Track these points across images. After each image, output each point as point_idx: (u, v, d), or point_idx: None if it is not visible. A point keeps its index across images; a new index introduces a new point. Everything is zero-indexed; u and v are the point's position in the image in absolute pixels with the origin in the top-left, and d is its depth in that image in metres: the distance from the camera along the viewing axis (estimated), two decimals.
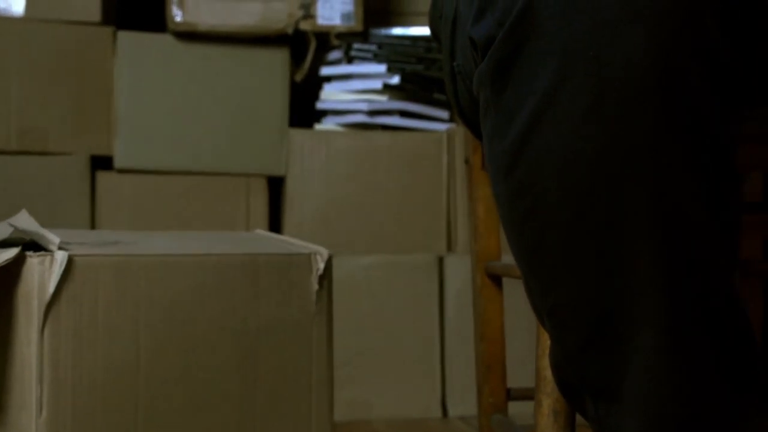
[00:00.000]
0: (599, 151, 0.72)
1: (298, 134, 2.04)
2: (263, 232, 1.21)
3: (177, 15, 1.95)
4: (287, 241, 1.12)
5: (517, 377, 1.44)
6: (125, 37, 1.98)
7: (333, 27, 2.02)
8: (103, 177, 1.98)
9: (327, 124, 2.08)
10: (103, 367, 0.90)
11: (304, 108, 2.10)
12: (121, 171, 1.98)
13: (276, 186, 2.08)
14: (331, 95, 2.07)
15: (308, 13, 2.00)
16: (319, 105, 2.08)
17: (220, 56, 2.00)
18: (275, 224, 2.07)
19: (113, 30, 1.98)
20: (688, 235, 0.73)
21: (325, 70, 2.07)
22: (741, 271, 1.41)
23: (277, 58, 2.02)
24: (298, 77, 2.04)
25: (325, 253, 1.06)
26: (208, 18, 1.97)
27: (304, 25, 2.00)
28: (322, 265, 1.05)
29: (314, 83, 2.09)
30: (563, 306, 0.76)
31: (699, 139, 0.73)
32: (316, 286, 1.04)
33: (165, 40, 1.99)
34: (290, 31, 1.99)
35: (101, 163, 1.99)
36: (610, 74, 0.71)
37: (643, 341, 0.73)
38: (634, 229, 0.72)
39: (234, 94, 2.01)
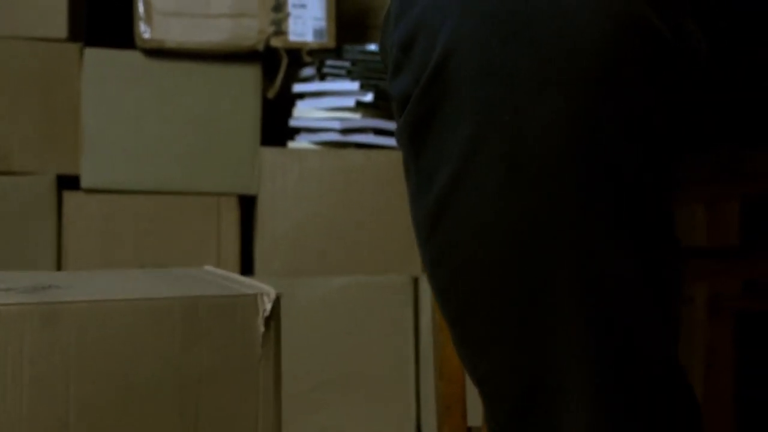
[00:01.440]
0: (517, 219, 0.68)
1: (270, 153, 2.00)
2: (212, 269, 1.17)
3: (145, 32, 1.91)
4: (235, 280, 1.08)
5: (479, 415, 1.39)
6: (92, 54, 1.94)
7: (305, 43, 1.98)
8: (70, 197, 1.94)
9: (301, 142, 2.04)
10: (29, 424, 0.86)
11: (277, 125, 2.06)
12: (89, 191, 1.94)
13: (248, 205, 2.04)
14: (304, 112, 2.03)
15: (279, 30, 1.96)
16: (292, 122, 2.04)
17: (190, 73, 1.96)
18: (247, 244, 2.03)
19: (80, 47, 1.94)
20: (618, 300, 0.69)
21: (298, 87, 2.03)
22: (716, 306, 1.39)
23: (249, 75, 1.98)
24: (270, 94, 2.00)
25: (272, 293, 1.02)
26: (176, 35, 1.93)
27: (276, 42, 1.96)
28: (269, 306, 1.01)
29: (287, 100, 2.05)
30: (493, 374, 0.72)
31: (624, 201, 0.69)
32: (262, 329, 1.00)
33: (133, 56, 1.95)
34: (261, 47, 1.95)
35: (68, 182, 1.95)
36: (525, 140, 0.67)
37: (574, 412, 0.69)
38: (560, 297, 0.69)
39: (204, 112, 1.97)
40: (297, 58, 2.01)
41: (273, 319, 1.02)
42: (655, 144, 0.71)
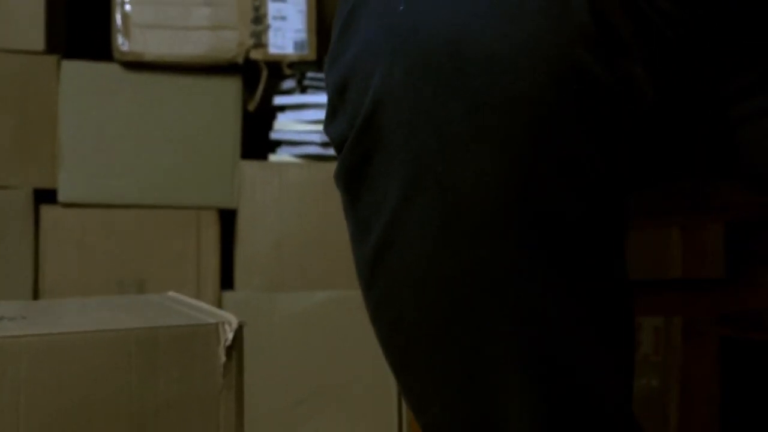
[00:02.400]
0: (452, 274, 0.66)
1: (250, 166, 1.98)
2: (175, 296, 1.14)
3: (123, 44, 1.89)
4: (198, 308, 1.06)
5: None
6: (69, 66, 1.92)
7: (285, 56, 1.96)
8: (47, 211, 1.92)
9: (282, 155, 2.02)
10: None
11: (258, 138, 2.04)
12: (66, 205, 1.92)
13: (228, 219, 2.02)
14: (284, 125, 2.01)
15: (259, 42, 1.94)
16: (273, 135, 2.02)
17: (169, 86, 1.94)
18: (227, 258, 2.00)
19: (57, 59, 1.92)
20: (561, 349, 0.67)
21: (279, 100, 2.01)
22: (695, 330, 1.37)
23: (228, 88, 1.96)
24: (251, 107, 1.98)
25: (234, 321, 1.00)
26: (155, 47, 1.90)
27: (255, 54, 1.94)
28: (230, 335, 0.99)
29: (268, 113, 2.03)
30: (436, 425, 0.70)
31: (563, 250, 0.67)
32: (223, 358, 0.98)
33: (111, 69, 1.93)
34: (240, 60, 1.93)
35: (45, 196, 1.92)
36: (459, 194, 0.65)
37: None
38: (500, 349, 0.67)
39: (184, 125, 1.95)
40: (277, 70, 1.99)
41: (235, 348, 1.00)
42: (597, 188, 0.69)
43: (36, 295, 1.90)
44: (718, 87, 0.97)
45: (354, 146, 0.68)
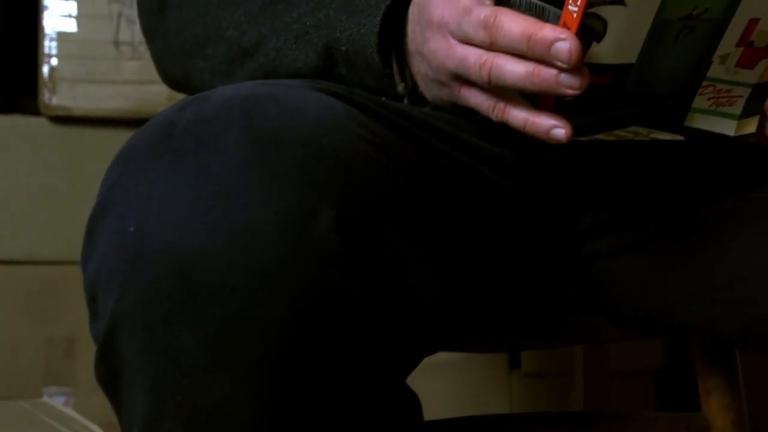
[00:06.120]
0: None
1: None
2: (50, 403, 1.11)
3: (50, 99, 1.86)
4: (69, 418, 1.03)
5: None
6: None
7: None
8: None
9: None
10: None
11: None
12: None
13: None
14: None
15: None
16: None
17: (99, 140, 1.91)
18: None
19: None
20: None
21: None
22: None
23: None
24: None
25: None
26: (83, 101, 1.87)
27: None
28: None
29: None
30: None
31: None
32: None
33: (39, 123, 1.89)
34: None
35: None
36: (201, 421, 0.64)
37: None
38: None
39: None
40: None
41: None
42: (353, 398, 0.68)
43: None
44: (570, 225, 0.96)
45: (101, 360, 0.68)
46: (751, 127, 0.89)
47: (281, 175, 0.67)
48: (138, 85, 1.89)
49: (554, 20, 0.80)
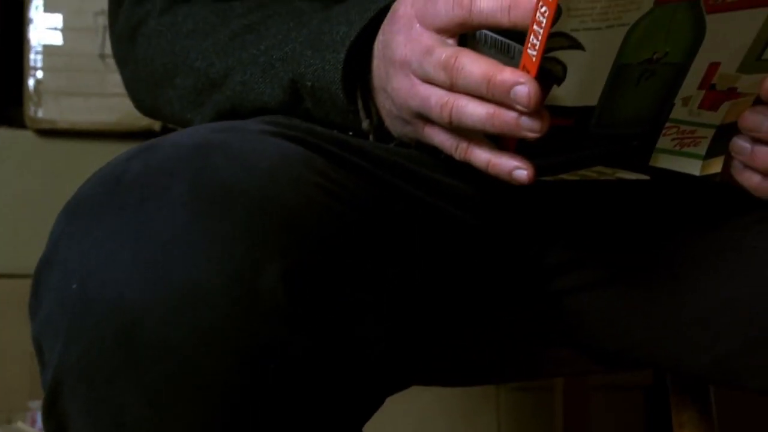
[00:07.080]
0: None
1: None
2: (23, 427, 1.11)
3: (35, 111, 1.85)
4: None
5: None
6: None
7: None
8: None
9: None
10: None
11: None
12: None
13: None
14: None
15: None
16: None
17: (84, 152, 1.90)
18: None
19: None
20: None
21: None
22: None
23: None
24: None
25: None
26: (68, 114, 1.87)
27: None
28: None
29: None
30: None
31: None
32: None
33: (24, 136, 1.89)
34: (157, 127, 1.89)
35: None
36: None
37: None
38: None
39: None
40: None
41: None
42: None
43: None
44: (538, 260, 0.96)
45: (47, 415, 0.68)
46: (716, 167, 0.88)
47: (226, 231, 0.67)
48: (124, 98, 1.86)
49: (519, 57, 0.80)
